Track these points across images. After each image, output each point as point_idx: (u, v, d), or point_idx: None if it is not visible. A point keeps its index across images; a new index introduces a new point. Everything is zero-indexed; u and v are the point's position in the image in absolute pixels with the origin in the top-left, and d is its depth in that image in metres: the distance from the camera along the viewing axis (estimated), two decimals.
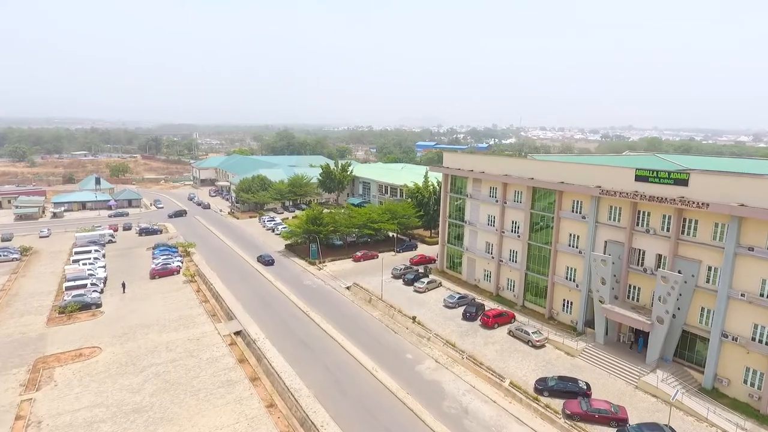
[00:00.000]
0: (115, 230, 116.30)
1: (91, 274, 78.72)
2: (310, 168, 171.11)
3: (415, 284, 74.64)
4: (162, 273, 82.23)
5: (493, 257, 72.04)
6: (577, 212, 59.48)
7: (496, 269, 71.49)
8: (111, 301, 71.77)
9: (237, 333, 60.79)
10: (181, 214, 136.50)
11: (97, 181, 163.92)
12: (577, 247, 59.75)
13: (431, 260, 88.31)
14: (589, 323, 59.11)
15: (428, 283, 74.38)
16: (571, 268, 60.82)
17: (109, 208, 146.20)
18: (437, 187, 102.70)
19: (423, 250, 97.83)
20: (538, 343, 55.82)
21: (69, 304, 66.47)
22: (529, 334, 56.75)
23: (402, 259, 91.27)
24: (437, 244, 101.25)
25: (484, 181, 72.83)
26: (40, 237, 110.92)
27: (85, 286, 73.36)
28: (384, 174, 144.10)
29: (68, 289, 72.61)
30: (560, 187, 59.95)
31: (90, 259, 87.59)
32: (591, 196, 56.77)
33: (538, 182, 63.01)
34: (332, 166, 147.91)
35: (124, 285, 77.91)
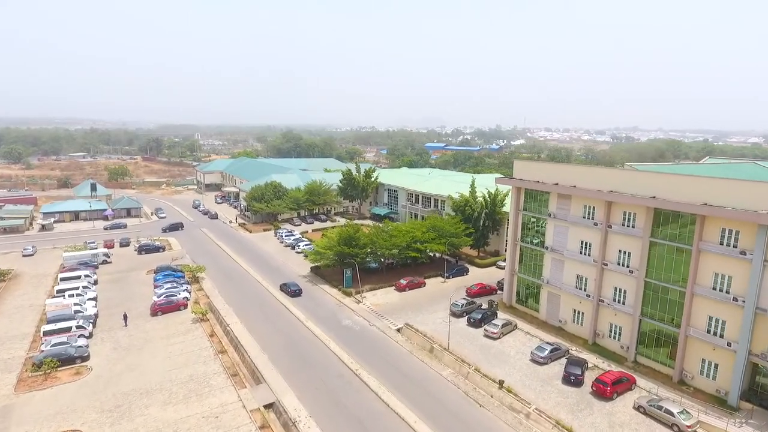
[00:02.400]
0: (111, 247, 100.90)
1: (77, 312, 63.29)
2: (325, 173, 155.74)
3: (486, 327, 59.11)
4: (166, 308, 66.80)
5: (588, 295, 56.52)
6: (729, 245, 43.97)
7: (593, 310, 55.97)
8: (102, 350, 56.32)
9: (268, 406, 45.33)
10: (176, 227, 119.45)
11: (93, 188, 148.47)
12: (728, 292, 44.26)
13: (493, 290, 72.86)
14: (746, 395, 43.73)
15: (503, 326, 58.84)
16: (718, 320, 45.31)
17: (106, 218, 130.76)
18: (488, 200, 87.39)
19: (475, 275, 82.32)
20: (689, 430, 40.30)
21: (46, 359, 50.97)
22: (673, 415, 41.18)
23: (454, 287, 75.73)
24: (490, 267, 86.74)
25: (576, 198, 57.35)
26: (24, 255, 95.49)
27: (69, 329, 57.90)
28: (413, 181, 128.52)
29: (47, 334, 57.17)
30: (704, 210, 44.52)
31: (78, 288, 72.06)
32: (758, 225, 41.30)
33: (664, 202, 47.53)
34: (354, 171, 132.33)
35: (126, 317, 63.87)
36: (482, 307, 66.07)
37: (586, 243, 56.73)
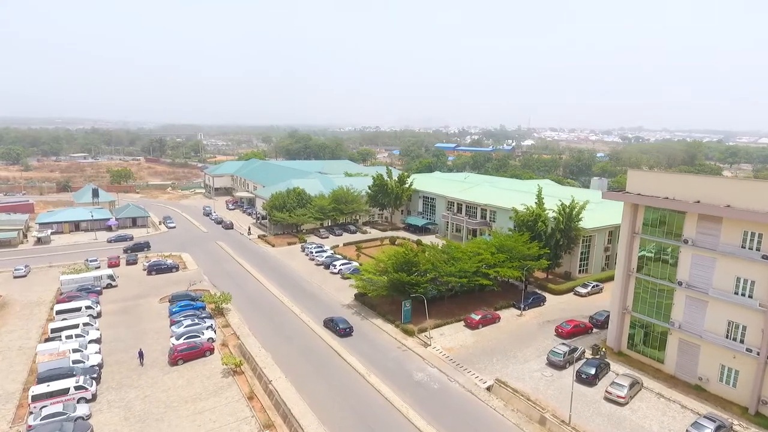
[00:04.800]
0: (116, 265, 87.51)
1: (77, 362, 49.82)
2: (347, 177, 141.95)
3: (609, 389, 45.38)
4: (188, 355, 53.20)
5: (749, 350, 42.94)
6: None
7: (758, 370, 42.41)
8: (109, 420, 42.81)
9: None
10: (141, 247, 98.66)
11: (95, 193, 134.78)
12: None
13: (588, 329, 59.33)
14: None
15: (631, 386, 45.30)
16: None
17: (109, 228, 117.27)
18: (564, 213, 73.87)
19: (552, 304, 68.84)
20: None
21: None
22: None
23: (535, 322, 62.38)
24: (567, 293, 73.20)
25: (730, 221, 43.82)
26: (15, 277, 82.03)
27: (66, 391, 44.45)
28: (454, 188, 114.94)
29: (37, 399, 43.72)
30: None
31: (78, 326, 58.55)
32: None
33: None
34: (385, 177, 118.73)
35: (141, 355, 52.86)
36: (585, 355, 52.63)
37: (745, 280, 43.18)
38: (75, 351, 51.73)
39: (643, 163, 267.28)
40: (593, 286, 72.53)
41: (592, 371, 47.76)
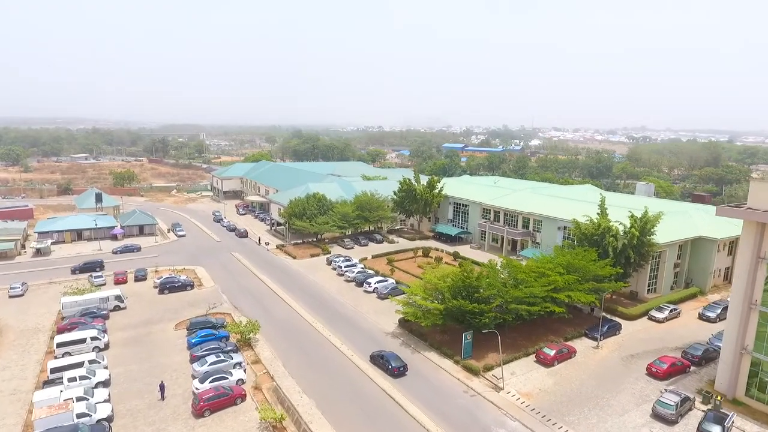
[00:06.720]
0: (123, 282, 78.49)
1: (82, 415, 40.76)
2: (365, 180, 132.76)
3: None
4: (216, 404, 44.07)
5: None
6: None
7: None
8: None
9: None
10: (94, 266, 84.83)
11: (98, 198, 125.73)
12: None
13: (686, 367, 50.27)
14: None
15: None
16: None
17: (114, 237, 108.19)
18: (636, 227, 64.77)
19: (629, 332, 59.73)
20: None
21: None
22: None
23: (617, 357, 53.39)
24: (640, 317, 64.13)
25: None
26: (11, 296, 72.96)
27: None
28: (489, 194, 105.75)
29: None
30: None
31: (83, 363, 49.44)
32: None
33: None
34: (413, 181, 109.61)
35: (162, 388, 45.78)
36: (692, 403, 43.61)
37: None
38: (79, 399, 42.81)
39: (662, 165, 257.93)
40: (671, 310, 63.52)
41: (718, 429, 38.71)
